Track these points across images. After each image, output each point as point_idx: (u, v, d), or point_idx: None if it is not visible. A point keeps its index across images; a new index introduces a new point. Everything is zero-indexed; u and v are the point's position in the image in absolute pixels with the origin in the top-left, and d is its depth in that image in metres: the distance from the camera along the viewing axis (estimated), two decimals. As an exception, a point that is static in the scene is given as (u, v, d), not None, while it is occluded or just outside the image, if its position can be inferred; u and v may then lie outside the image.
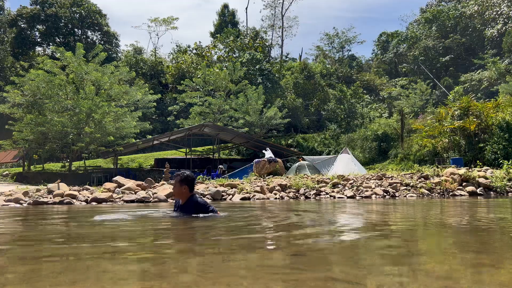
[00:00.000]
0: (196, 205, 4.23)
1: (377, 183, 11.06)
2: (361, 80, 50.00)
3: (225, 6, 57.90)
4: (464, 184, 10.84)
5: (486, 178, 10.86)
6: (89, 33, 48.95)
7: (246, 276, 1.76)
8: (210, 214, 4.24)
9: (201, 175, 15.18)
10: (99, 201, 8.68)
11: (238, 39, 46.01)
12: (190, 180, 4.26)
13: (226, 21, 56.37)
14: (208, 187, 10.18)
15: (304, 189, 10.45)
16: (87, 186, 11.05)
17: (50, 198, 9.05)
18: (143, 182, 10.64)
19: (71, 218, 5.32)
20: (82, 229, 3.95)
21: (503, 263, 2.09)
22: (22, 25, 44.94)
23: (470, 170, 11.65)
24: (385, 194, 10.03)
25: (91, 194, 9.34)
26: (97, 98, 21.74)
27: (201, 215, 4.20)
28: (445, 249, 2.61)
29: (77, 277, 1.74)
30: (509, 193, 10.32)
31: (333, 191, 10.28)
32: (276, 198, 9.73)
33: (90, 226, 4.10)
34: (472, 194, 10.19)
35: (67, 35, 46.74)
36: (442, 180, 10.72)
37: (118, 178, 10.50)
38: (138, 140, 26.66)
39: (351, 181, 11.09)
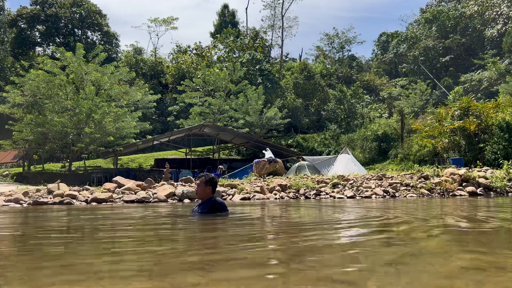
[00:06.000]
0: (214, 204, 4.54)
1: (377, 183, 11.06)
2: (361, 80, 49.98)
3: (225, 6, 57.94)
4: (464, 184, 10.83)
5: (486, 178, 10.85)
6: (89, 33, 48.97)
7: (246, 276, 1.76)
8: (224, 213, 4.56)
9: (201, 176, 15.12)
10: (99, 201, 8.68)
11: (238, 39, 46.00)
12: (215, 183, 4.67)
13: (226, 21, 56.37)
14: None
15: (304, 189, 10.45)
16: (87, 186, 11.05)
17: (50, 198, 9.05)
18: (143, 182, 10.63)
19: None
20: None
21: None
22: (22, 25, 44.94)
23: (470, 170, 11.65)
24: (385, 194, 10.03)
25: (91, 194, 9.34)
26: (97, 99, 21.74)
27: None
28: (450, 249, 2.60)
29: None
30: (509, 193, 10.32)
31: (333, 191, 10.28)
32: (276, 198, 9.72)
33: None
34: (472, 194, 10.18)
35: (67, 35, 46.75)
36: (442, 180, 10.71)
37: (118, 178, 10.49)
38: (138, 140, 26.65)
39: (351, 181, 11.08)
